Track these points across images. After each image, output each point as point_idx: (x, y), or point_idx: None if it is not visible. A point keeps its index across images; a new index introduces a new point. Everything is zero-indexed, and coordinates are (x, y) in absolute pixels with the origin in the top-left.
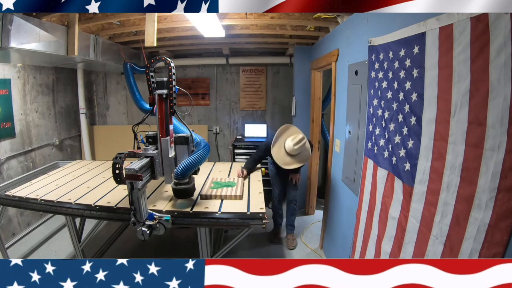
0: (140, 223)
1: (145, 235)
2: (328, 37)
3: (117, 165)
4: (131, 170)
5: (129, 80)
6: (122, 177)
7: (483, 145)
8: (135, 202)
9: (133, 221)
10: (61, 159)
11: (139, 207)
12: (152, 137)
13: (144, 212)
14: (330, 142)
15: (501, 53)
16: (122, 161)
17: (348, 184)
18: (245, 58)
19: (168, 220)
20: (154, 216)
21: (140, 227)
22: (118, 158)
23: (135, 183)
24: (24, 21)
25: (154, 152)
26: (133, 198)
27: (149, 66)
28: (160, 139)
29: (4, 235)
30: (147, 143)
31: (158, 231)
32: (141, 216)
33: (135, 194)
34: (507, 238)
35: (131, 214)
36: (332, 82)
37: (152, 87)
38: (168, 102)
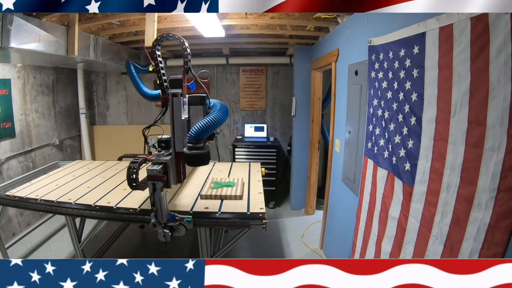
0: (161, 224)
1: (167, 236)
2: (328, 37)
3: (133, 175)
4: (154, 171)
5: (132, 74)
6: (138, 181)
7: (483, 145)
8: (156, 203)
9: (153, 222)
10: (61, 159)
11: (160, 208)
12: (165, 141)
13: (165, 214)
14: (330, 142)
15: (501, 53)
16: (138, 168)
17: (348, 184)
18: (245, 58)
19: (190, 221)
20: (176, 218)
21: (162, 229)
22: (133, 164)
23: (157, 184)
24: (24, 21)
25: (167, 158)
26: (155, 199)
27: (155, 43)
28: (172, 119)
29: (4, 235)
30: (159, 148)
31: (179, 233)
32: (162, 217)
33: (157, 195)
34: (507, 238)
35: (151, 216)
36: (332, 82)
37: (165, 86)
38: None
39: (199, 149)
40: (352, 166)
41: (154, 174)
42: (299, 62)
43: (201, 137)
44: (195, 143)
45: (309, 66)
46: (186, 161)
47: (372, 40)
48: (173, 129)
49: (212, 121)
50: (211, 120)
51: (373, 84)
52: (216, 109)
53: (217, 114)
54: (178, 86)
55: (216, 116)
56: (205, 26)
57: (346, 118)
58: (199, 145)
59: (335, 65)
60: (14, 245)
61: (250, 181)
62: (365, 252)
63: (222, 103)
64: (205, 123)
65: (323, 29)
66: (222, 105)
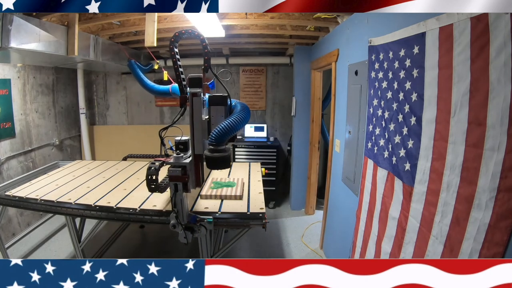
0: (182, 225)
1: (188, 237)
2: (328, 37)
3: (153, 176)
4: (176, 172)
5: (137, 72)
6: (158, 183)
7: (483, 145)
8: (178, 204)
9: (173, 223)
10: (61, 159)
11: (182, 209)
12: (183, 143)
13: (186, 215)
14: (330, 142)
15: (501, 53)
16: (157, 172)
17: (348, 184)
18: (245, 58)
19: (210, 222)
20: (197, 219)
21: (183, 230)
22: (153, 169)
23: (179, 185)
24: (24, 21)
25: (187, 161)
26: (177, 200)
27: (173, 40)
28: (192, 120)
29: (4, 235)
30: (177, 150)
31: (199, 234)
32: (183, 218)
33: (178, 196)
34: (507, 238)
35: (170, 217)
36: (332, 82)
37: (183, 85)
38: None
39: (222, 152)
40: (352, 166)
41: (176, 174)
42: (299, 62)
43: (223, 139)
44: (217, 145)
45: (309, 66)
46: (208, 164)
47: (372, 40)
48: (193, 131)
49: (235, 123)
50: (234, 122)
51: (373, 84)
52: (238, 110)
53: (240, 115)
54: (197, 85)
55: (239, 117)
56: (205, 26)
57: (346, 118)
58: (221, 147)
59: (335, 65)
60: (14, 245)
61: (250, 181)
62: (365, 252)
63: (244, 104)
64: (227, 124)
65: (323, 29)
66: (244, 106)
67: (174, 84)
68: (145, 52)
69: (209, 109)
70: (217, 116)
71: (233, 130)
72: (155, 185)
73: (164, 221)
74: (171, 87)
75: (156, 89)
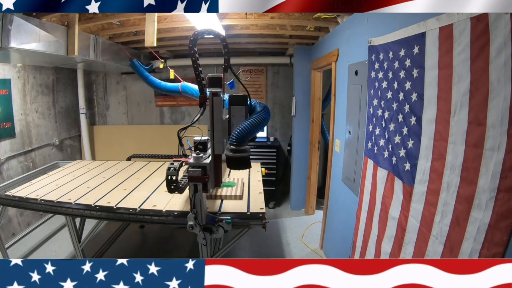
0: (200, 226)
1: (207, 238)
2: (328, 37)
3: (173, 177)
4: (196, 172)
5: (141, 70)
6: (178, 183)
7: (483, 145)
8: (197, 205)
9: (190, 224)
10: (61, 159)
11: (201, 210)
12: (202, 143)
13: (205, 215)
14: (330, 142)
15: (501, 53)
16: (177, 172)
17: (348, 184)
18: (245, 58)
19: (229, 222)
20: (215, 219)
21: (201, 231)
22: (172, 169)
23: (199, 185)
24: (24, 21)
25: (207, 162)
26: (196, 201)
27: (192, 39)
28: (212, 120)
29: (4, 235)
30: (197, 150)
31: (217, 234)
32: (202, 219)
33: (198, 197)
34: (507, 238)
35: (188, 218)
36: (332, 82)
37: (203, 84)
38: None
39: (243, 152)
40: (352, 166)
41: (197, 175)
42: (299, 62)
43: (245, 139)
44: (239, 145)
45: (309, 66)
46: (230, 164)
47: (372, 40)
48: (213, 131)
49: (256, 123)
50: (256, 122)
51: (373, 84)
52: (259, 110)
53: (261, 115)
54: (217, 85)
55: (260, 117)
56: (205, 26)
57: (346, 118)
58: (242, 147)
59: (335, 65)
60: (14, 245)
61: (250, 181)
62: (365, 252)
63: (263, 104)
64: (249, 124)
65: (323, 29)
66: (264, 106)
67: (183, 82)
68: (145, 52)
69: (229, 109)
70: (238, 116)
71: (254, 130)
72: (175, 186)
73: (164, 221)
74: (180, 86)
75: (163, 87)
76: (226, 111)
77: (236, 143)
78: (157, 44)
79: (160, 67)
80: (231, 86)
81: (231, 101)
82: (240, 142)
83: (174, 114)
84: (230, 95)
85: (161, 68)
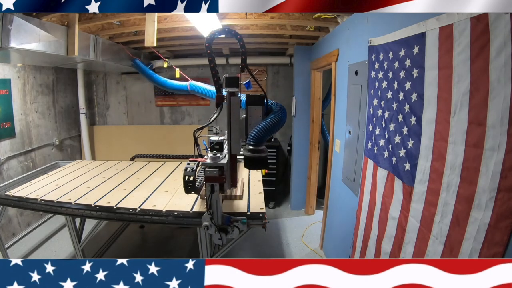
0: (216, 227)
1: (223, 239)
2: (328, 37)
3: (190, 177)
4: (213, 172)
5: (145, 69)
6: (195, 184)
7: (483, 145)
8: (213, 205)
9: (206, 225)
10: (61, 159)
11: (217, 211)
12: (219, 143)
13: (220, 216)
14: (330, 142)
15: (501, 53)
16: (194, 173)
17: (348, 184)
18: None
19: (245, 222)
20: (231, 219)
21: (218, 231)
22: (189, 170)
23: (216, 186)
24: (24, 21)
25: (224, 162)
26: (212, 201)
27: (209, 39)
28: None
29: (4, 235)
30: (213, 150)
31: (232, 234)
32: (218, 220)
33: (214, 197)
34: (507, 238)
35: (203, 218)
36: (332, 82)
37: (219, 84)
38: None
39: (261, 152)
40: (352, 166)
41: (214, 175)
42: (299, 62)
43: (263, 139)
44: (257, 145)
45: (309, 66)
46: (248, 164)
47: (372, 40)
48: (230, 131)
49: (274, 123)
50: (274, 122)
51: (373, 84)
52: (276, 110)
53: (278, 115)
54: (234, 85)
55: (277, 117)
56: (205, 26)
57: (346, 118)
58: (260, 147)
59: (335, 65)
60: (14, 245)
61: (250, 181)
62: (365, 252)
63: (279, 104)
64: (267, 124)
65: (323, 29)
66: (280, 106)
67: (191, 81)
68: (145, 52)
69: (246, 109)
70: (255, 116)
71: (272, 130)
72: (191, 186)
73: (164, 221)
74: (189, 85)
75: (170, 86)
76: (242, 111)
77: (254, 143)
78: (157, 44)
79: (164, 66)
80: (247, 86)
81: (248, 101)
82: (258, 142)
83: (174, 114)
84: (247, 95)
85: (165, 67)
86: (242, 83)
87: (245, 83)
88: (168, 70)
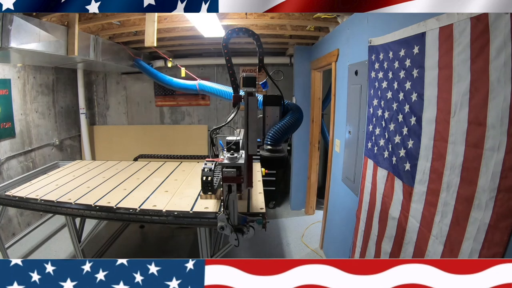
0: (231, 227)
1: (239, 239)
2: (328, 37)
3: (208, 178)
4: (231, 172)
5: (148, 69)
6: (213, 184)
7: (483, 145)
8: (230, 206)
9: (221, 225)
10: (61, 159)
11: (233, 211)
12: (236, 143)
13: (236, 216)
14: (330, 142)
15: (501, 53)
16: (213, 173)
17: (348, 184)
18: (245, 58)
19: (261, 223)
20: (247, 220)
21: (234, 232)
22: (207, 170)
23: (233, 186)
24: (24, 21)
25: (242, 162)
26: (229, 202)
27: (226, 38)
28: (247, 120)
29: (4, 235)
30: (230, 150)
31: (248, 235)
32: (234, 220)
33: (231, 198)
34: (507, 238)
35: (219, 218)
36: (332, 82)
37: (236, 84)
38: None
39: (280, 152)
40: (352, 166)
41: (232, 175)
42: (299, 62)
43: (282, 140)
44: (275, 145)
45: (309, 66)
46: (266, 164)
47: (372, 40)
48: (247, 131)
49: (292, 123)
50: (291, 122)
51: (373, 84)
52: (293, 110)
53: (296, 115)
54: (252, 85)
55: (295, 117)
56: (205, 26)
57: (346, 118)
58: (278, 147)
59: (335, 65)
60: (14, 245)
61: None
62: (365, 252)
63: (296, 104)
64: (285, 125)
65: (323, 29)
66: (297, 107)
67: (200, 81)
68: (145, 52)
69: (263, 109)
70: (272, 116)
71: (290, 130)
72: (210, 187)
73: (164, 221)
74: (198, 84)
75: (176, 85)
76: (258, 111)
77: (272, 143)
78: (157, 44)
79: (169, 65)
80: (263, 86)
81: (265, 101)
82: (276, 142)
83: (174, 114)
84: (265, 95)
85: (169, 67)
86: (259, 83)
87: (262, 83)
88: (169, 70)
